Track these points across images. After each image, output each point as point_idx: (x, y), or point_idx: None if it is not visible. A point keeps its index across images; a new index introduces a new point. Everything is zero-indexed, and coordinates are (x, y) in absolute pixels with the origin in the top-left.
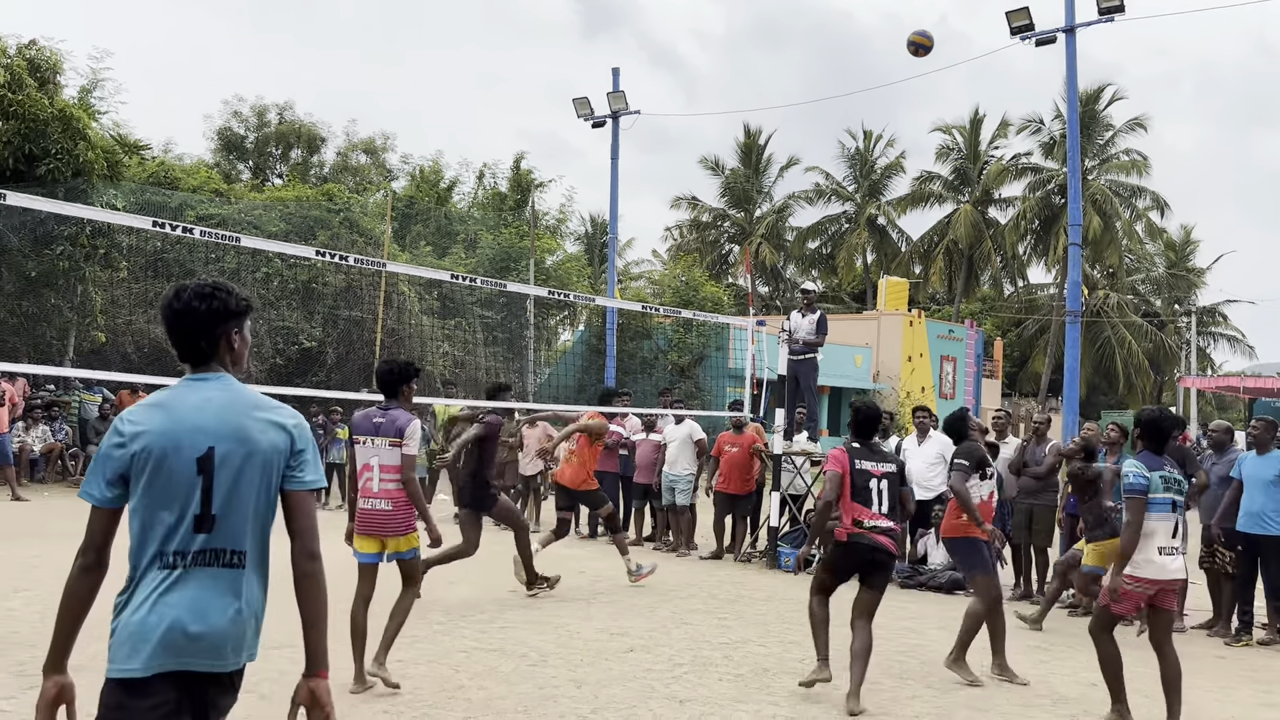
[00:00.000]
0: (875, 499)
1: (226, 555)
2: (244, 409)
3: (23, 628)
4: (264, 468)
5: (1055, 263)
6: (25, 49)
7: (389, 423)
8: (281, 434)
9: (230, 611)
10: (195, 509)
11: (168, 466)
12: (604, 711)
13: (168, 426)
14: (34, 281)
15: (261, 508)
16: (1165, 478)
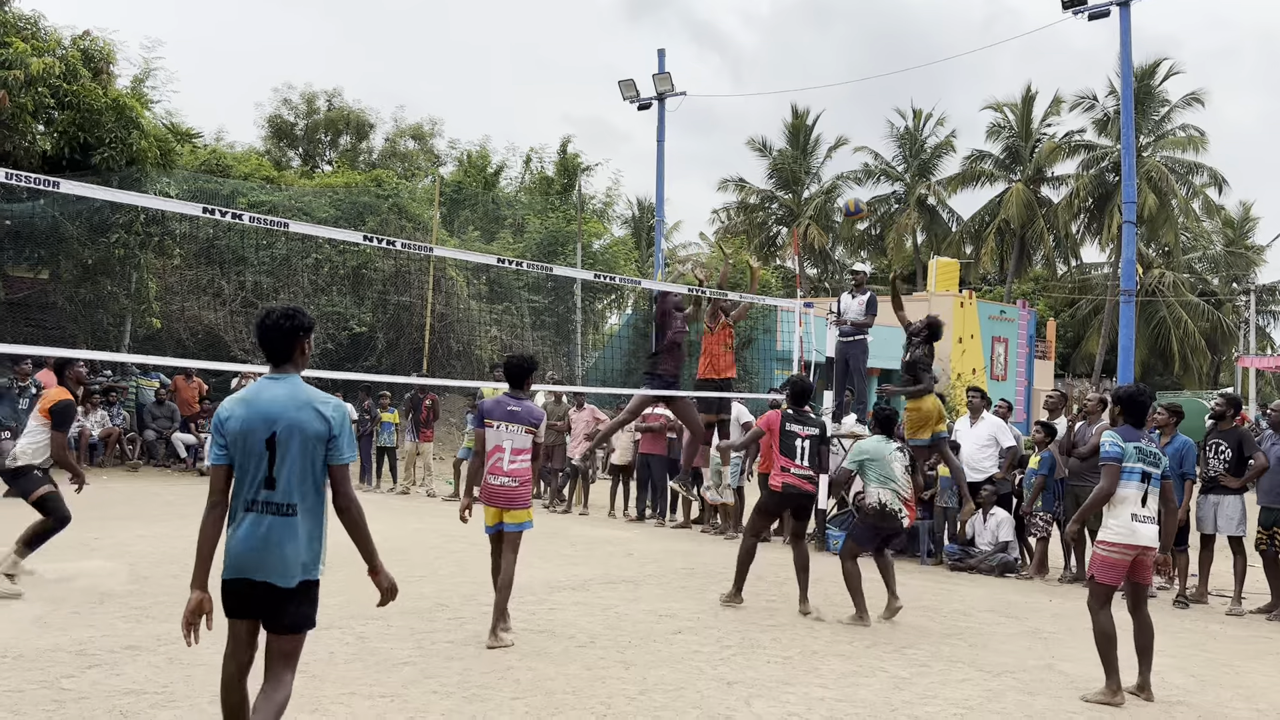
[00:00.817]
0: (799, 454)
1: (283, 506)
2: (300, 403)
3: (83, 607)
4: (311, 446)
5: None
6: (79, 40)
7: (525, 412)
8: (323, 423)
9: (285, 542)
10: (264, 472)
11: (247, 443)
12: (652, 693)
13: (248, 415)
14: (91, 269)
15: (309, 474)
16: (1140, 449)
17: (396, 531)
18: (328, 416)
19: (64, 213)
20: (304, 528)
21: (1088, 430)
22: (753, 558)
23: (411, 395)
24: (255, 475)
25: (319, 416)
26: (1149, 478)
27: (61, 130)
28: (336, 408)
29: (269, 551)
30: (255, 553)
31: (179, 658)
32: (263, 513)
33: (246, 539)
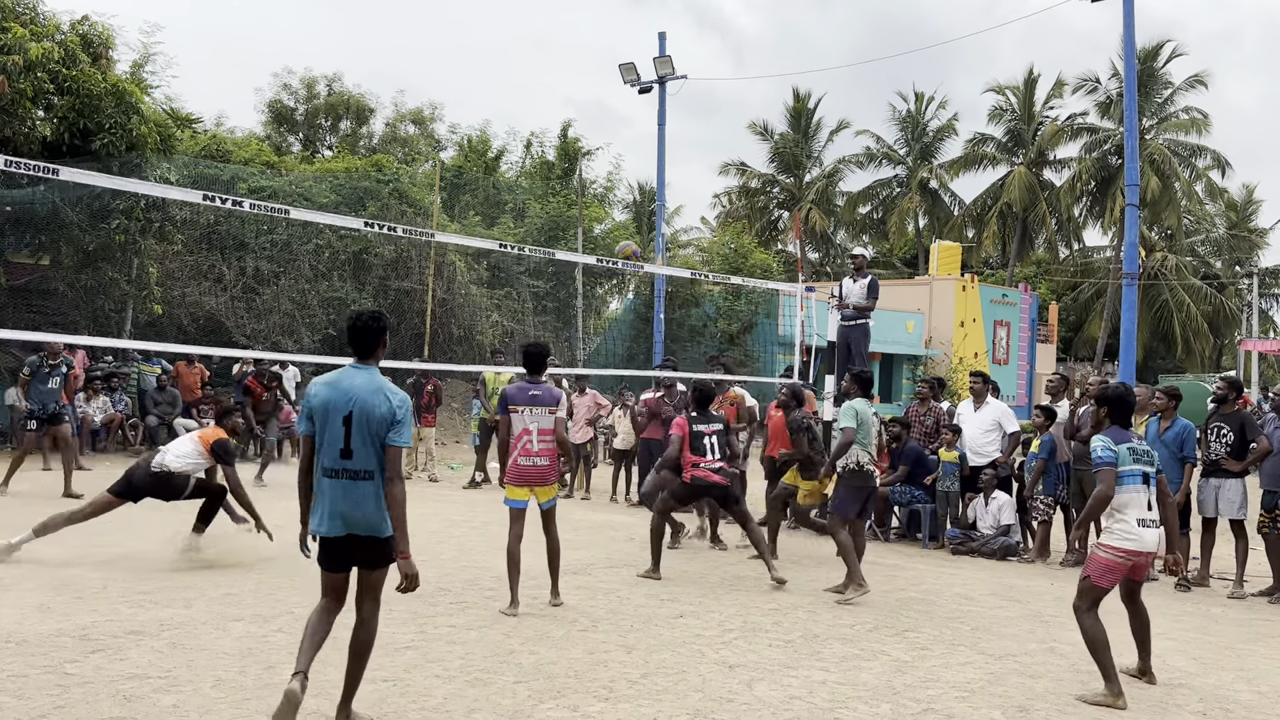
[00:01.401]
0: (708, 450)
1: (359, 473)
2: (374, 390)
3: (86, 593)
4: (377, 426)
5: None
6: (78, 25)
7: (546, 394)
8: (389, 407)
9: (362, 503)
10: (341, 444)
11: (329, 419)
12: (654, 676)
13: (330, 396)
14: (92, 255)
15: (376, 448)
16: (1133, 449)
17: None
18: (393, 404)
19: (64, 199)
20: (376, 490)
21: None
22: (662, 535)
23: (414, 380)
24: (334, 446)
25: (386, 401)
26: (1148, 478)
27: (61, 116)
28: (401, 399)
29: (355, 510)
30: (344, 513)
31: (182, 643)
32: (340, 478)
33: (334, 502)
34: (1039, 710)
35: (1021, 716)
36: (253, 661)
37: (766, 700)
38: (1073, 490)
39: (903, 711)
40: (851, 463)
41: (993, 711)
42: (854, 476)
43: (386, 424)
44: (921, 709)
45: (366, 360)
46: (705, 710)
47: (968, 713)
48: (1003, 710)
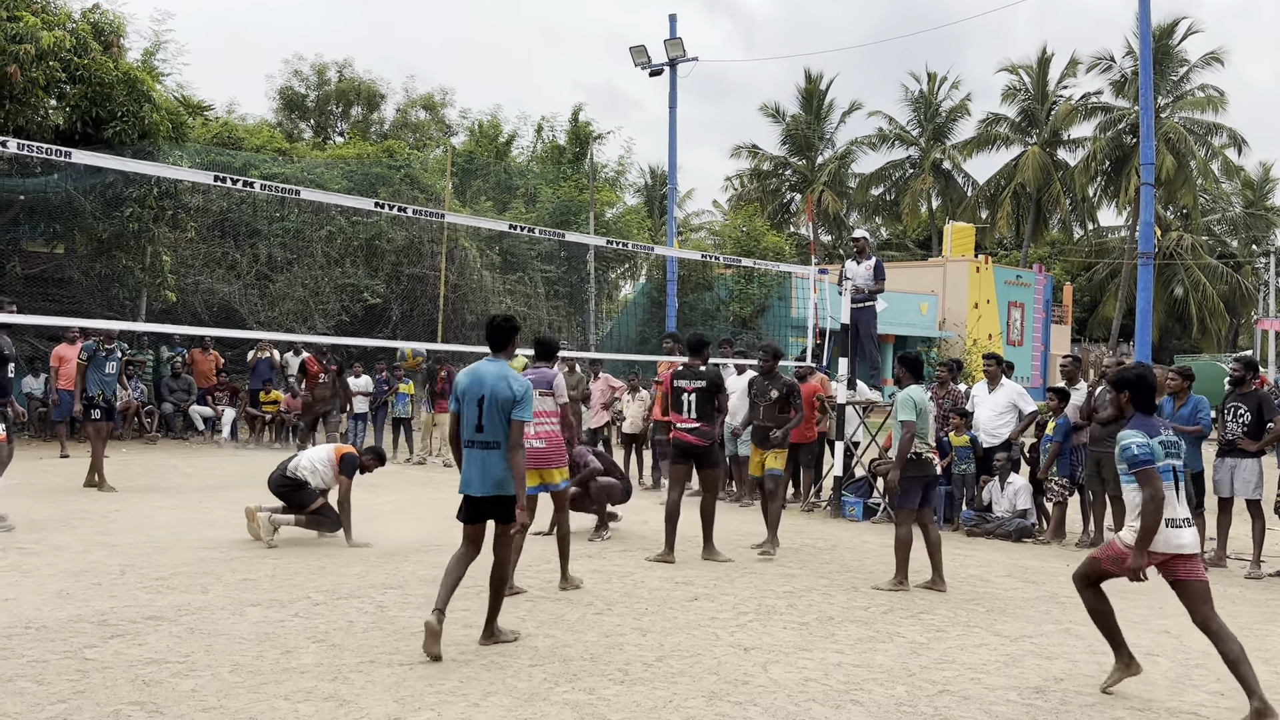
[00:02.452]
0: (685, 408)
1: (490, 443)
2: (501, 377)
3: (105, 579)
4: (503, 405)
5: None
6: (89, 13)
7: (539, 378)
8: (511, 390)
9: (493, 468)
10: (476, 421)
11: (467, 400)
12: (669, 659)
13: (470, 382)
14: (106, 243)
15: (502, 423)
16: (1164, 443)
17: (413, 500)
18: (514, 388)
19: (78, 187)
20: (503, 457)
21: (1108, 395)
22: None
23: (427, 366)
24: (471, 423)
25: (509, 388)
26: (1177, 472)
27: (73, 104)
28: (522, 384)
29: (487, 474)
30: (479, 476)
31: (199, 628)
32: (475, 448)
33: (471, 467)
34: (1055, 692)
35: (1038, 698)
36: (270, 646)
37: (782, 682)
38: (1089, 472)
39: (918, 693)
40: (910, 452)
41: (1008, 693)
42: (913, 466)
43: (510, 403)
44: (937, 690)
45: (499, 354)
46: (721, 693)
47: (983, 694)
48: (1019, 692)
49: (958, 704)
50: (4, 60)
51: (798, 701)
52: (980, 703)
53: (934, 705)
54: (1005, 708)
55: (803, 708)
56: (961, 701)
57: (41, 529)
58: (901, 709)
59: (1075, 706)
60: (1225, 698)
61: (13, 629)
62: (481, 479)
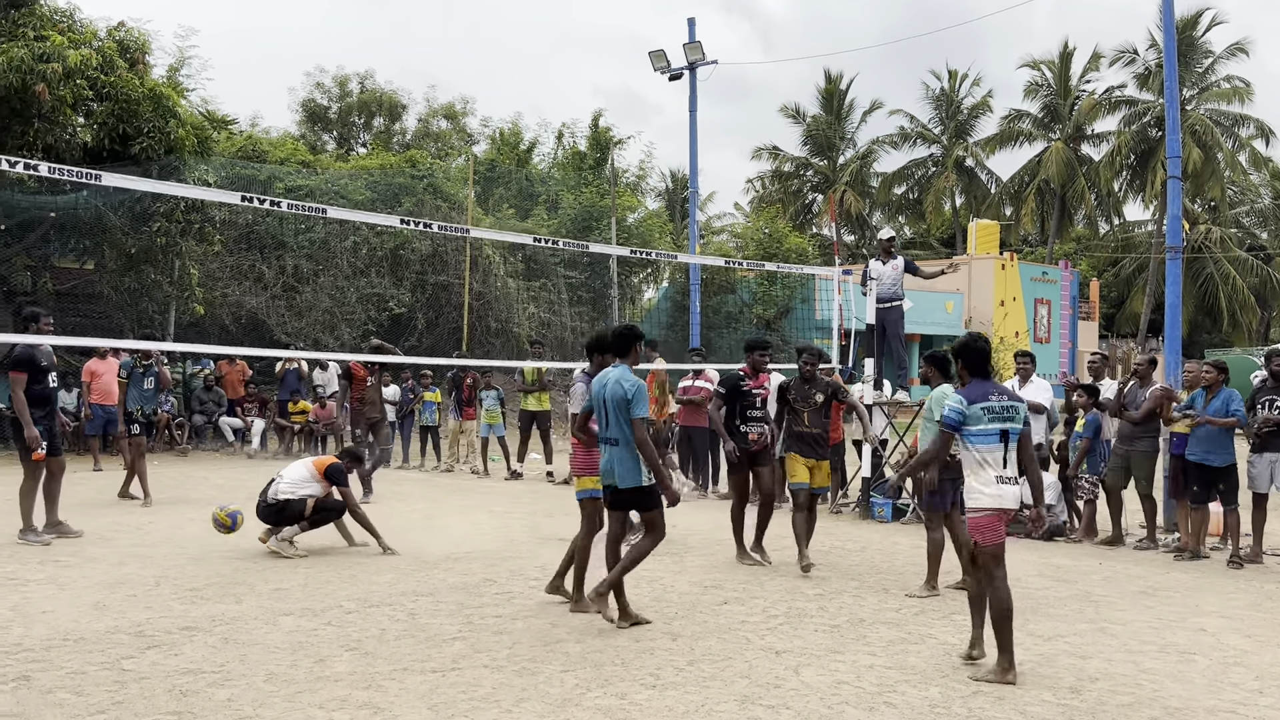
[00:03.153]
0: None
1: (616, 441)
2: (620, 381)
3: (140, 590)
4: (621, 405)
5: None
6: (114, 31)
7: None
8: (624, 391)
9: (619, 461)
10: (603, 420)
11: (598, 402)
12: (700, 664)
13: (598, 386)
14: (134, 258)
15: (623, 422)
16: (989, 408)
17: (441, 509)
18: (628, 389)
19: (106, 203)
20: (629, 453)
21: (1139, 392)
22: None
23: (453, 374)
24: (601, 422)
25: (624, 389)
26: (1007, 435)
27: (101, 121)
28: (636, 385)
29: (617, 467)
30: (612, 469)
31: (234, 637)
32: (606, 445)
33: (607, 461)
34: (1090, 691)
35: (1073, 698)
36: (304, 655)
37: (814, 685)
38: (1113, 466)
39: (952, 694)
40: None
41: (1043, 693)
42: (945, 469)
43: (625, 402)
44: (971, 691)
45: (623, 360)
46: (752, 696)
47: (1017, 695)
48: (1053, 692)
49: (992, 705)
50: (32, 79)
51: (830, 704)
52: (1014, 703)
53: (968, 706)
54: (1040, 708)
55: (835, 710)
56: (996, 702)
57: (77, 542)
58: (935, 710)
59: (1111, 706)
60: (1264, 695)
61: (51, 641)
62: (613, 472)
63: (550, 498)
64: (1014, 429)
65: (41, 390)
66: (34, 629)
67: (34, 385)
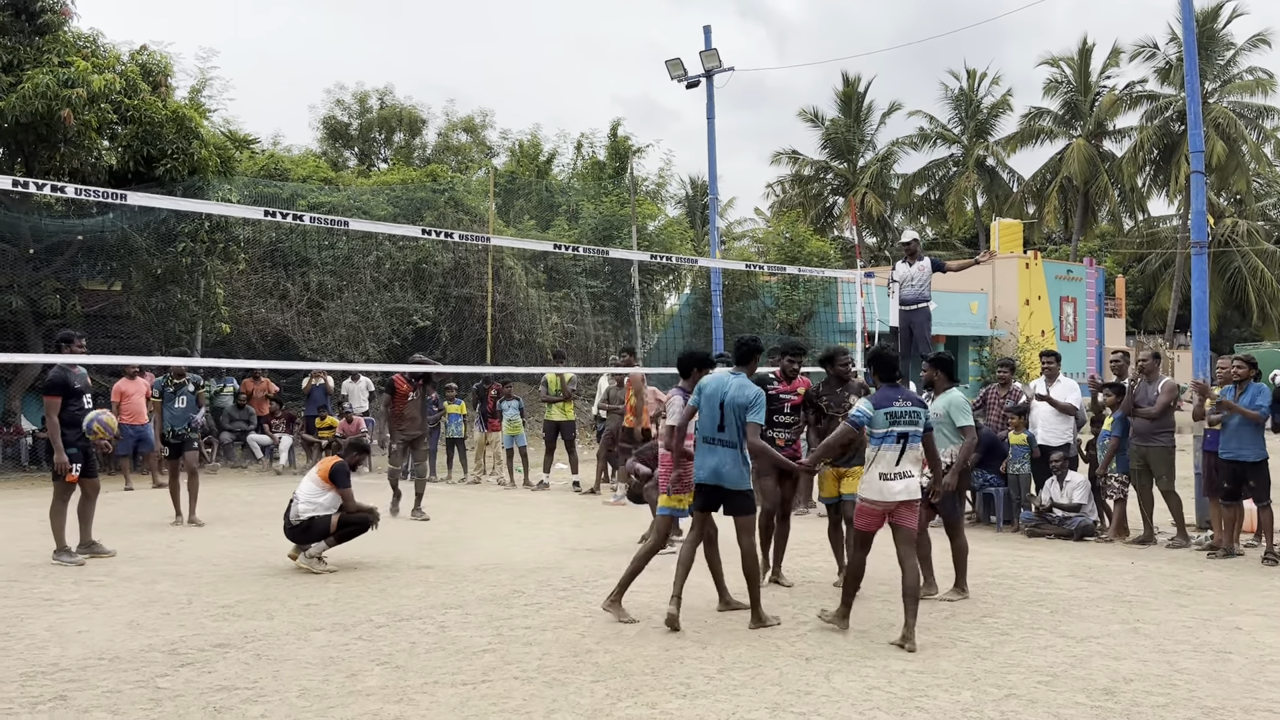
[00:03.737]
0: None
1: (729, 442)
2: (740, 386)
3: (173, 608)
4: (739, 409)
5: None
6: (137, 55)
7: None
8: (747, 396)
9: (730, 464)
10: (717, 420)
11: (710, 402)
12: (730, 671)
13: (715, 387)
14: (160, 279)
15: (739, 424)
16: (892, 413)
17: (469, 520)
18: (749, 393)
19: (132, 225)
20: (739, 455)
21: (1148, 388)
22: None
23: (477, 386)
24: (710, 421)
25: (745, 393)
26: (906, 437)
27: (125, 144)
28: (757, 392)
29: (724, 468)
30: (715, 469)
31: (266, 654)
32: (716, 445)
33: (708, 461)
34: (1124, 693)
35: (1107, 699)
36: (335, 670)
37: (845, 691)
38: (1135, 466)
39: (984, 698)
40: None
41: (1076, 695)
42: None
43: (745, 409)
44: (1003, 695)
45: (742, 369)
46: (784, 703)
47: (1051, 698)
48: (1087, 693)
49: (1025, 708)
50: (58, 105)
51: (861, 710)
52: (1048, 706)
53: (1000, 710)
54: (1074, 711)
55: (867, 716)
56: (1029, 705)
57: (110, 561)
58: (967, 714)
59: (1146, 708)
60: None
61: (87, 660)
62: (716, 472)
63: (577, 508)
64: (914, 432)
65: (75, 412)
66: (70, 649)
67: (68, 408)
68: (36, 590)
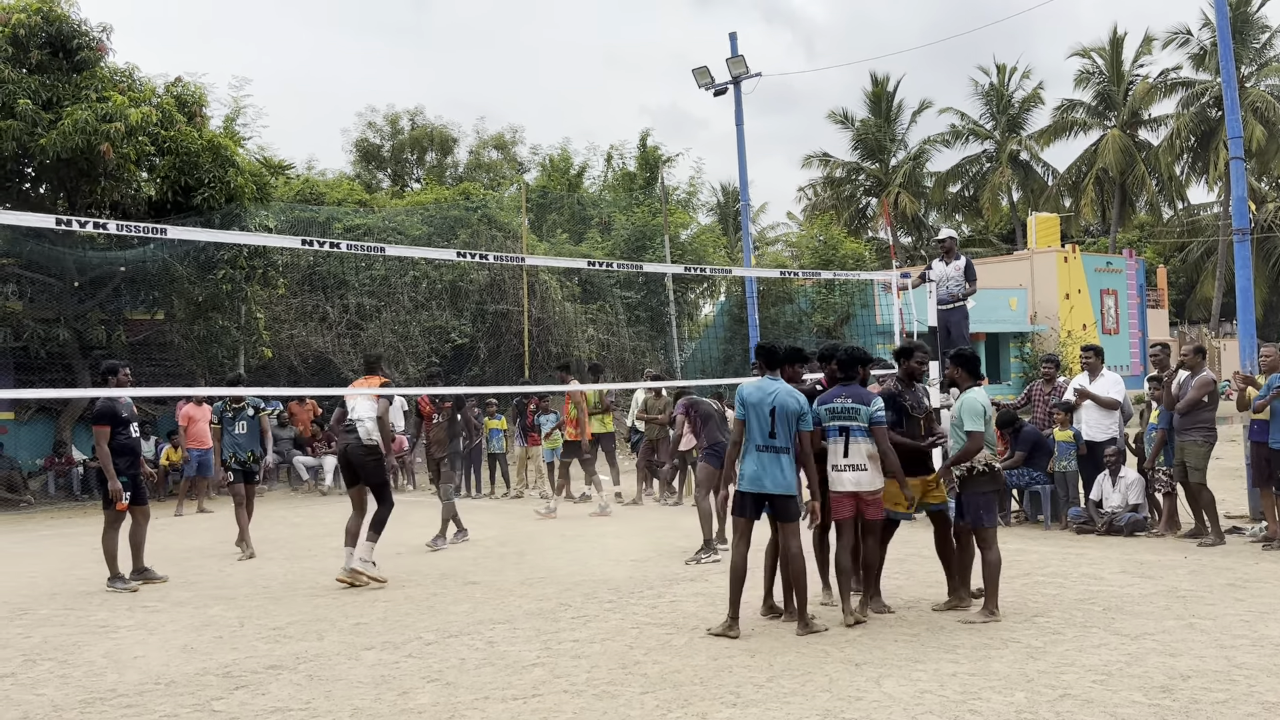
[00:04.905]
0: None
1: (781, 449)
2: (789, 393)
3: (225, 632)
4: (791, 416)
5: (1217, 180)
6: (172, 87)
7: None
8: (797, 404)
9: (778, 470)
10: (769, 428)
11: (757, 411)
12: (780, 679)
13: (758, 397)
14: (202, 306)
15: (791, 430)
16: (831, 409)
17: (513, 535)
18: (800, 401)
19: (173, 254)
20: (788, 462)
21: (1189, 382)
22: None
23: (518, 401)
24: (765, 430)
25: (795, 401)
26: (846, 431)
27: (163, 175)
28: (803, 400)
29: (775, 475)
30: (764, 475)
31: (318, 674)
32: (766, 452)
33: (756, 467)
34: (1183, 690)
35: (1164, 697)
36: (387, 689)
37: (896, 696)
38: (1176, 460)
39: (1038, 699)
40: (981, 464)
41: (1133, 693)
42: (988, 480)
43: (797, 416)
44: (1058, 695)
45: (773, 373)
46: (835, 710)
47: (1107, 697)
48: (1144, 691)
49: (1080, 708)
50: (97, 139)
51: (914, 714)
52: (1104, 706)
53: (1055, 711)
54: (1131, 709)
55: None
56: (1084, 705)
57: (163, 587)
58: (1021, 716)
59: (1205, 704)
60: None
61: (144, 685)
62: (771, 478)
63: (620, 519)
64: (855, 426)
65: (124, 441)
66: (126, 674)
67: (117, 436)
68: (92, 617)
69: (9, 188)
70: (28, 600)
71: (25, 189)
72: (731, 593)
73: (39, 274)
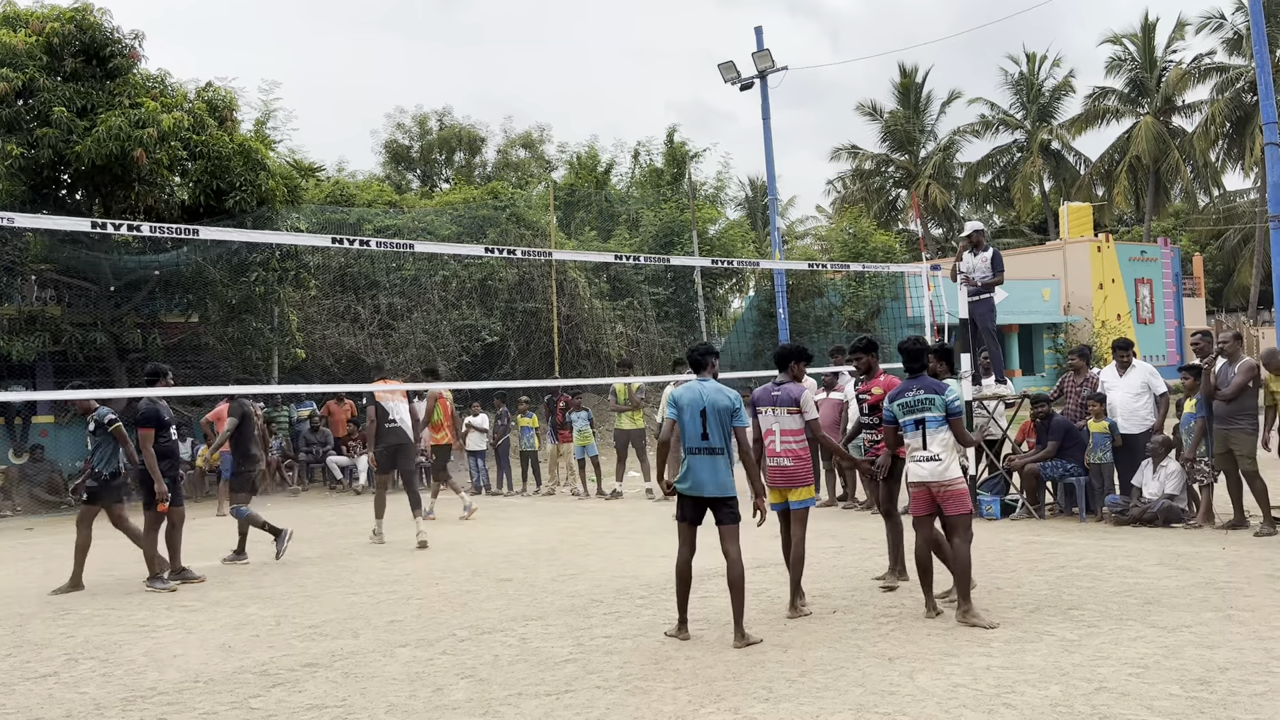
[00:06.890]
0: None
1: (715, 449)
2: (718, 390)
3: (262, 630)
4: (724, 414)
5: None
6: (203, 92)
7: (784, 394)
8: (729, 401)
9: (714, 472)
10: (700, 430)
11: (690, 412)
12: (812, 674)
13: (691, 397)
14: (235, 308)
15: (726, 429)
16: (904, 404)
17: (544, 532)
18: (730, 398)
19: (206, 257)
20: (725, 463)
21: (1229, 370)
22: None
23: (548, 399)
24: (696, 432)
25: (725, 397)
26: (922, 423)
27: (195, 179)
28: (735, 396)
29: (712, 477)
30: (707, 479)
31: (354, 672)
32: (701, 454)
33: (695, 472)
34: (1220, 683)
35: (1202, 690)
36: (422, 685)
37: (930, 690)
38: (1217, 449)
39: (1073, 692)
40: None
41: (1170, 686)
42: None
43: (730, 412)
44: (1093, 689)
45: (702, 374)
46: (868, 704)
47: (1143, 689)
48: (1181, 684)
49: (1116, 700)
50: (131, 145)
51: (948, 709)
52: (1141, 698)
53: (1091, 704)
54: (1168, 702)
55: (953, 714)
56: (1120, 698)
57: (200, 586)
58: (1057, 709)
59: (1244, 696)
60: None
61: (183, 684)
62: (709, 481)
63: (651, 514)
64: (930, 417)
65: (166, 443)
66: (166, 673)
67: (159, 439)
68: (132, 617)
69: (46, 194)
70: (69, 600)
71: (61, 195)
72: (678, 597)
73: (76, 279)
